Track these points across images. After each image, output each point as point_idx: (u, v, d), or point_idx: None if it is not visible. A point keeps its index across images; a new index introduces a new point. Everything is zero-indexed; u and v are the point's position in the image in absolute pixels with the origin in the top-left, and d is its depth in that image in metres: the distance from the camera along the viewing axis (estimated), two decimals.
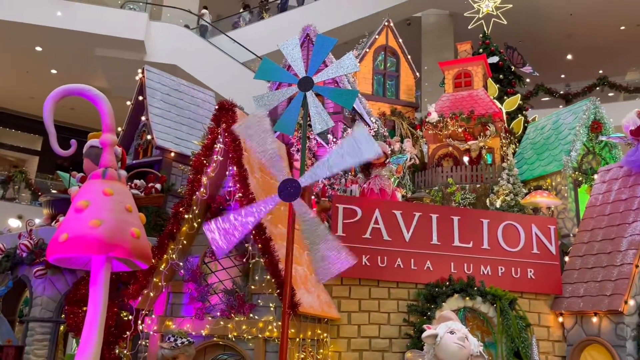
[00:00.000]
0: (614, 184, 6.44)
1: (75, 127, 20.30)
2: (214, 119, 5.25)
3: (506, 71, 12.32)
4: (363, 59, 10.88)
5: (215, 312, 4.91)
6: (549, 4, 20.52)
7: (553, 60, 23.15)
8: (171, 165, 7.53)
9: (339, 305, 5.52)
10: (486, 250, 5.92)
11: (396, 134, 10.53)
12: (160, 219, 6.82)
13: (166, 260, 5.07)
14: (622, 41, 22.85)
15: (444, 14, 21.69)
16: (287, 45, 6.94)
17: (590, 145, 8.48)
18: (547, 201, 7.60)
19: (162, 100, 8.09)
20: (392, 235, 5.74)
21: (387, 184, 6.87)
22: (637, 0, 20.06)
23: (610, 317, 5.48)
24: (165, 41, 15.63)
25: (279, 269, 4.53)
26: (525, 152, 9.51)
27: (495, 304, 5.59)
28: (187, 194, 5.15)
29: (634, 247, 5.58)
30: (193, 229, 5.15)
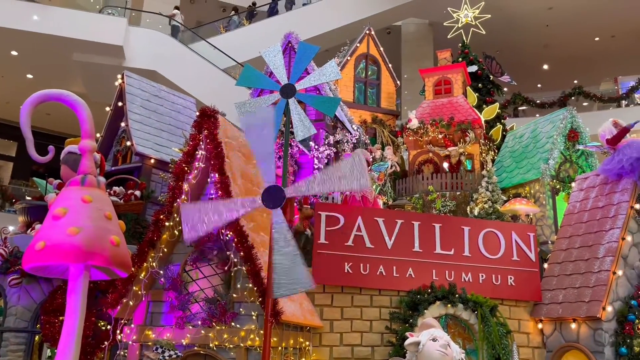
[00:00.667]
0: (591, 192, 6.56)
1: (51, 133, 19.96)
2: (195, 126, 5.20)
3: (485, 80, 12.49)
4: (344, 66, 10.92)
5: (196, 320, 4.85)
6: (526, 15, 20.93)
7: (530, 70, 23.58)
8: (151, 172, 7.43)
9: (321, 313, 5.49)
10: (467, 258, 5.96)
11: (377, 142, 10.58)
12: (140, 226, 6.73)
13: (146, 268, 4.99)
14: (597, 52, 23.41)
15: (423, 23, 21.94)
16: (269, 53, 6.94)
17: (567, 154, 8.63)
18: (526, 209, 7.70)
19: (142, 106, 8.00)
20: (374, 243, 5.74)
21: (369, 191, 6.89)
22: (610, 13, 20.60)
23: (589, 324, 5.55)
24: (145, 47, 15.47)
25: (261, 277, 4.49)
26: (505, 161, 9.63)
27: (476, 310, 5.62)
28: (168, 201, 5.08)
29: (611, 254, 5.68)
30: (174, 236, 5.08)
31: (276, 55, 6.88)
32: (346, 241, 5.69)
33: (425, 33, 21.89)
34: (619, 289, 5.60)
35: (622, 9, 20.33)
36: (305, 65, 6.89)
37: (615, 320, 5.46)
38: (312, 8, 19.52)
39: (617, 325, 5.44)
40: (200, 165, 5.05)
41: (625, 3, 19.93)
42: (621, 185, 6.12)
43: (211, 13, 21.61)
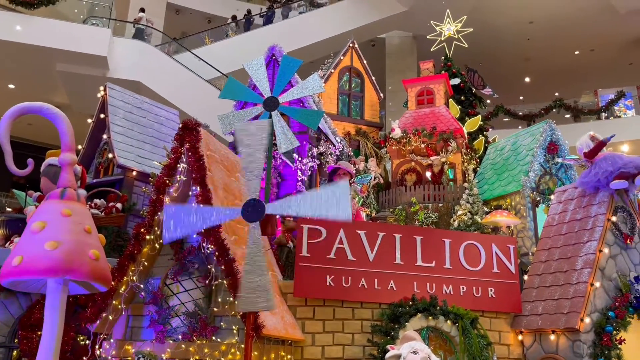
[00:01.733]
0: (569, 204, 6.66)
1: (33, 144, 19.73)
2: (177, 139, 5.20)
3: (467, 93, 12.67)
4: (328, 79, 11.00)
5: (177, 335, 4.81)
6: (507, 29, 21.31)
7: (512, 83, 23.95)
8: (133, 185, 7.39)
9: (303, 326, 5.48)
10: (448, 270, 6.01)
11: (361, 154, 10.65)
12: (121, 239, 6.68)
13: (126, 282, 4.95)
14: (577, 65, 23.88)
15: (407, 36, 22.22)
16: (252, 65, 6.97)
17: (547, 166, 8.76)
18: (507, 220, 7.79)
19: (124, 118, 7.97)
20: (356, 255, 5.76)
21: (352, 203, 6.91)
22: (589, 27, 21.05)
23: (568, 335, 5.62)
24: (129, 57, 15.44)
25: None
26: (486, 172, 9.75)
27: (457, 323, 5.65)
28: (149, 215, 5.06)
29: (588, 266, 5.77)
30: (154, 250, 5.05)
31: (259, 67, 6.91)
32: (328, 254, 5.70)
33: (409, 46, 22.18)
34: (596, 300, 5.68)
35: (600, 24, 20.80)
36: (289, 78, 6.93)
37: (593, 332, 5.54)
38: (298, 20, 19.69)
39: (595, 336, 5.51)
40: (181, 178, 5.05)
41: (604, 18, 20.40)
42: (598, 197, 6.24)
43: (196, 24, 21.66)
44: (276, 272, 5.81)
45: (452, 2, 16.95)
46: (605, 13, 20.10)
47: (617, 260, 5.99)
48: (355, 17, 19.71)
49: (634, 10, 19.86)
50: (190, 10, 21.95)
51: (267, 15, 19.99)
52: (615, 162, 6.10)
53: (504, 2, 19.81)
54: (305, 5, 20.25)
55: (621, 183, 5.98)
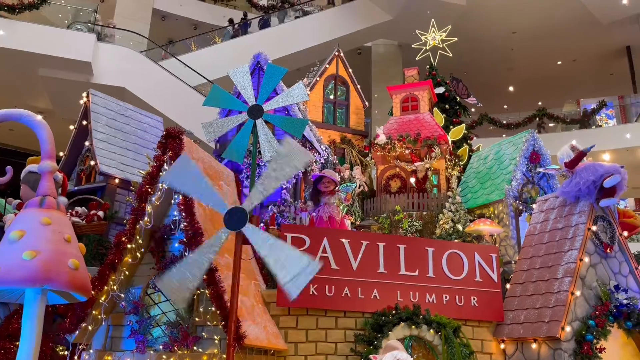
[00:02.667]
0: (551, 214, 6.73)
1: (15, 150, 19.49)
2: (160, 146, 5.18)
3: (452, 101, 12.77)
4: (314, 87, 11.03)
5: (158, 345, 4.77)
6: (491, 39, 21.59)
7: (496, 92, 24.23)
8: (115, 192, 7.32)
9: (286, 335, 5.45)
10: (431, 279, 6.02)
11: (346, 162, 10.67)
12: (103, 247, 6.60)
13: (107, 291, 4.89)
14: (559, 75, 24.25)
15: (393, 44, 22.39)
16: (237, 73, 6.97)
17: (529, 175, 8.85)
18: (490, 229, 7.84)
19: (107, 125, 7.90)
20: (339, 264, 5.76)
21: (336, 212, 6.92)
22: (571, 38, 21.41)
23: (549, 343, 5.66)
24: (114, 63, 15.34)
25: (224, 300, 4.46)
26: (469, 181, 9.82)
27: (440, 332, 5.67)
28: (130, 223, 5.02)
29: (569, 275, 5.82)
30: (136, 259, 5.01)
31: (244, 75, 6.91)
32: None
33: (394, 54, 22.35)
34: (577, 309, 5.73)
35: (582, 35, 21.16)
36: (274, 86, 6.94)
37: (574, 340, 5.58)
38: (284, 28, 19.75)
39: (575, 345, 5.56)
40: (163, 186, 5.01)
41: (585, 29, 20.76)
42: (579, 207, 6.31)
43: (183, 31, 21.61)
44: (259, 281, 5.79)
45: (437, 12, 17.12)
46: (587, 24, 20.45)
47: (597, 269, 6.06)
48: (341, 26, 19.83)
49: (615, 21, 20.25)
50: (176, 17, 21.90)
51: (260, 21, 20.01)
52: (596, 171, 6.19)
53: (488, 13, 20.07)
54: (300, 10, 20.29)
55: (610, 201, 6.09)
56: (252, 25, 20.43)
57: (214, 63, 17.12)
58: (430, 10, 18.30)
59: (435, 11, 17.69)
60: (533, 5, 19.61)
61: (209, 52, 18.45)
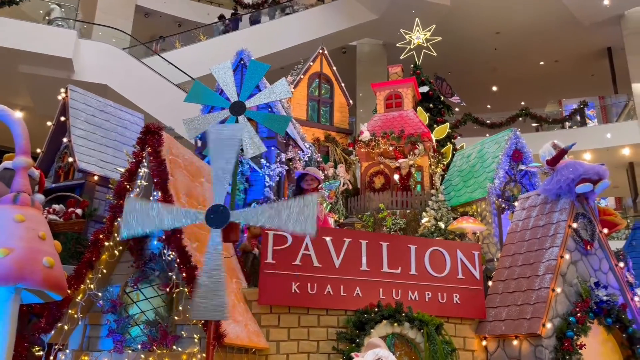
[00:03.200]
0: (532, 211, 6.76)
1: None
2: (139, 143, 5.08)
3: (436, 101, 12.81)
4: (298, 85, 10.98)
5: (136, 344, 4.68)
6: (475, 39, 21.73)
7: (480, 91, 24.39)
8: (94, 189, 7.19)
9: (268, 334, 5.40)
10: (414, 276, 6.01)
11: (330, 160, 10.64)
12: (81, 245, 6.48)
13: (83, 290, 4.80)
14: (542, 75, 24.49)
15: (377, 43, 22.42)
16: (219, 69, 6.90)
17: (512, 173, 8.90)
18: (473, 227, 7.87)
19: (86, 122, 7.75)
20: (322, 262, 5.72)
21: (319, 209, 6.88)
22: (554, 39, 21.63)
23: (530, 340, 5.68)
24: (95, 60, 15.12)
25: None
26: (453, 179, 9.84)
27: (422, 329, 5.66)
28: (108, 221, 4.92)
29: (550, 272, 5.85)
30: (114, 257, 4.91)
31: (226, 71, 6.84)
32: (294, 260, 5.64)
33: (379, 53, 22.38)
34: (558, 306, 5.76)
35: (564, 36, 21.39)
36: (256, 83, 6.89)
37: (555, 337, 5.60)
38: (268, 26, 19.67)
39: (556, 341, 5.58)
40: (142, 183, 4.93)
41: (567, 30, 20.99)
42: (560, 204, 6.34)
43: (166, 28, 21.42)
44: (240, 279, 5.72)
45: (421, 12, 17.18)
46: (569, 25, 20.67)
47: (577, 266, 6.09)
48: (326, 24, 19.80)
49: (596, 23, 20.50)
50: (159, 14, 21.69)
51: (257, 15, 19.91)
52: (576, 169, 6.22)
53: (472, 13, 20.19)
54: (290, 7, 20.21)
55: (586, 186, 6.10)
56: (236, 23, 20.33)
57: (198, 60, 16.96)
58: (415, 9, 18.35)
59: (419, 11, 17.75)
60: (516, 6, 19.77)
61: (193, 50, 18.29)
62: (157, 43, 19.12)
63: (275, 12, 20.35)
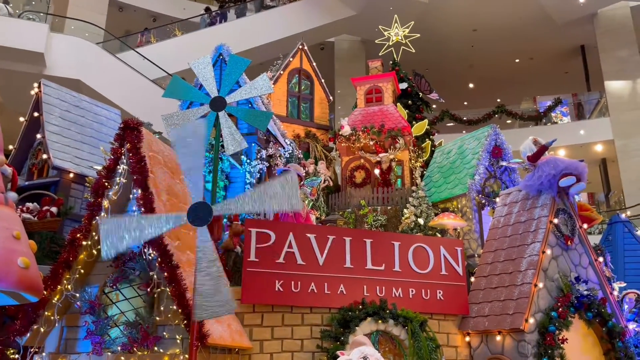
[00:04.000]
0: (514, 207, 6.81)
1: None
2: (117, 139, 4.94)
3: (414, 97, 12.82)
4: (277, 81, 10.86)
5: (116, 346, 4.55)
6: (452, 36, 21.87)
7: (457, 88, 24.55)
8: (70, 187, 6.98)
9: (251, 333, 5.32)
10: (397, 273, 6.00)
11: (310, 156, 10.56)
12: (56, 245, 6.28)
13: (60, 291, 4.64)
14: (517, 73, 24.79)
15: (356, 40, 22.39)
16: (198, 64, 6.76)
17: (492, 169, 8.96)
18: (454, 223, 7.89)
19: (60, 117, 7.52)
20: (306, 260, 5.66)
21: (300, 209, 6.80)
22: (529, 37, 21.90)
23: (513, 335, 5.71)
24: (68, 54, 14.74)
25: (186, 299, 4.28)
26: (433, 176, 9.87)
27: (406, 326, 5.65)
28: (86, 219, 4.77)
29: (532, 267, 5.89)
30: (92, 256, 4.77)
31: (206, 67, 6.71)
32: (277, 258, 5.56)
33: (357, 50, 22.35)
34: (540, 301, 5.81)
35: (539, 34, 21.67)
36: (236, 78, 6.76)
37: (537, 332, 5.65)
38: (246, 21, 19.46)
39: (539, 336, 5.63)
40: (121, 180, 4.79)
41: (542, 28, 21.27)
42: (541, 200, 6.40)
43: (141, 22, 21.01)
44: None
45: (399, 9, 17.15)
46: (544, 24, 20.95)
47: (558, 261, 6.16)
48: (305, 20, 19.67)
49: (570, 21, 20.82)
50: (134, 8, 21.25)
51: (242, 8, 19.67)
52: (557, 165, 6.28)
53: (449, 10, 20.30)
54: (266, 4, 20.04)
55: (569, 180, 6.16)
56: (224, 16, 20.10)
57: (174, 56, 16.69)
58: (393, 6, 18.35)
59: (398, 7, 17.73)
60: (493, 3, 19.94)
61: (169, 45, 17.99)
62: (142, 34, 18.81)
63: (253, 8, 20.15)
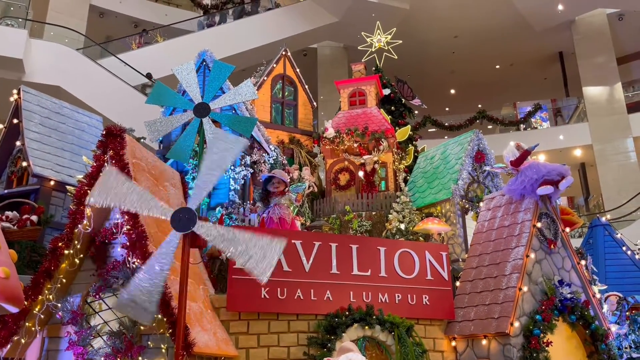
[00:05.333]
0: (497, 211, 6.87)
1: None
2: (100, 146, 4.88)
3: (397, 103, 12.88)
4: (261, 86, 10.83)
5: (99, 357, 4.46)
6: (434, 42, 22.09)
7: (438, 94, 24.78)
8: (50, 195, 6.86)
9: (237, 341, 5.26)
10: (384, 278, 5.99)
11: (295, 162, 10.53)
12: (37, 254, 6.16)
13: (41, 301, 4.55)
14: (498, 79, 25.13)
15: (339, 46, 22.49)
16: (182, 70, 6.72)
17: (475, 174, 9.03)
18: (438, 228, 7.92)
19: (40, 124, 7.40)
20: (292, 266, 5.62)
21: (286, 212, 6.78)
22: (509, 43, 22.24)
23: (498, 339, 5.75)
24: (48, 61, 14.57)
25: (171, 307, 4.23)
26: (417, 181, 9.92)
27: (393, 332, 5.64)
28: (68, 227, 4.69)
29: (517, 271, 5.94)
30: (74, 265, 4.69)
31: (189, 72, 6.67)
32: None
33: (340, 56, 22.44)
34: (524, 304, 5.85)
35: (519, 40, 22.02)
36: (220, 84, 6.74)
37: (522, 335, 5.69)
38: (229, 27, 19.46)
39: (524, 339, 5.66)
40: None
41: (522, 35, 21.61)
42: (524, 204, 6.46)
43: (122, 29, 20.84)
44: (208, 285, 5.56)
45: (381, 15, 17.29)
46: (523, 31, 21.29)
47: (542, 265, 6.22)
48: (287, 27, 19.72)
49: (548, 28, 21.19)
50: (115, 14, 21.06)
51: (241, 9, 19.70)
52: (539, 170, 6.35)
53: (431, 17, 20.51)
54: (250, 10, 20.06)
55: (547, 189, 6.23)
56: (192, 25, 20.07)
57: (156, 62, 16.58)
58: (375, 13, 18.50)
59: (379, 14, 17.88)
60: (473, 11, 20.20)
61: (150, 51, 17.88)
62: (141, 36, 18.70)
63: (257, 7, 20.18)
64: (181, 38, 18.51)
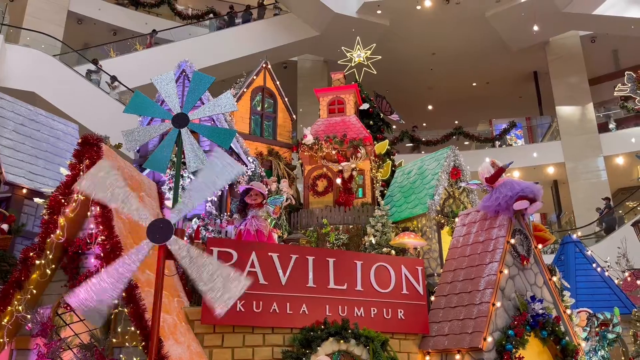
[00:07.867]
0: (472, 227, 6.96)
1: None
2: (76, 155, 4.82)
3: (375, 118, 13.01)
4: (241, 98, 10.83)
5: None
6: (412, 59, 22.43)
7: (416, 110, 25.10)
8: (22, 203, 6.73)
9: (211, 355, 5.20)
10: (359, 292, 6.01)
11: (273, 174, 10.53)
12: (7, 264, 6.02)
13: (10, 312, 4.45)
14: (474, 96, 25.60)
15: (319, 60, 22.67)
16: (161, 80, 6.66)
17: (450, 190, 9.15)
18: (414, 242, 7.99)
19: (14, 131, 7.27)
20: (268, 279, 5.60)
21: (264, 225, 6.76)
22: (486, 62, 22.72)
23: (472, 354, 5.80)
24: (23, 66, 14.32)
25: (145, 319, 4.17)
26: (394, 195, 10.00)
27: (368, 346, 5.65)
28: (41, 237, 4.61)
29: (490, 287, 6.02)
30: (45, 276, 4.60)
31: (169, 82, 6.62)
32: None
33: (320, 69, 22.62)
34: (497, 319, 5.93)
35: (495, 59, 22.51)
36: (200, 95, 6.70)
37: (495, 350, 5.75)
38: (209, 38, 19.50)
39: (496, 355, 5.73)
40: (79, 197, 4.65)
41: (498, 54, 22.12)
42: (498, 221, 6.57)
43: (100, 36, 20.65)
44: (183, 298, 5.50)
45: (361, 31, 17.48)
46: (499, 50, 21.79)
47: (515, 281, 6.31)
48: (268, 39, 19.83)
49: (523, 48, 21.71)
50: (94, 21, 20.87)
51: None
52: (513, 187, 6.48)
53: (410, 34, 20.82)
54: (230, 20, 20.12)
55: (523, 203, 6.36)
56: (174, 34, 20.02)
57: (134, 70, 16.47)
58: (355, 28, 18.70)
59: (359, 29, 18.09)
60: (451, 29, 20.59)
61: (129, 59, 17.75)
62: (151, 36, 18.65)
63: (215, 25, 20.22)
64: (160, 47, 18.46)
